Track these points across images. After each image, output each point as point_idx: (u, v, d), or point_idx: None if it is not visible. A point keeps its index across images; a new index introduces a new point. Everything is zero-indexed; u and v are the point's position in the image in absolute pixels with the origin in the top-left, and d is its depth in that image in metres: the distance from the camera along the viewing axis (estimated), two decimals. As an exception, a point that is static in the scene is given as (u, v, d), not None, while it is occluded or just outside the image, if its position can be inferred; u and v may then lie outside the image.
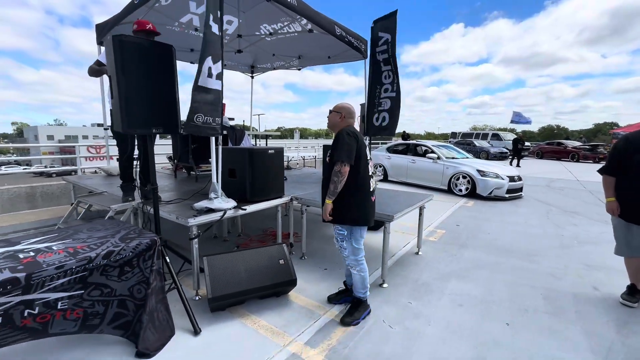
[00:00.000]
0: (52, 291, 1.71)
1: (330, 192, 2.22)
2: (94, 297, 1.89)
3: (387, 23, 4.65)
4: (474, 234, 4.72)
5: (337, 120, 2.40)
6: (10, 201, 5.01)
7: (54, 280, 1.69)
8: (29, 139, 52.86)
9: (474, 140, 21.04)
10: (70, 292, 1.78)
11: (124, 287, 1.99)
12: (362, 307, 2.50)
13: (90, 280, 1.84)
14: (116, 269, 1.93)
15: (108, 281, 1.92)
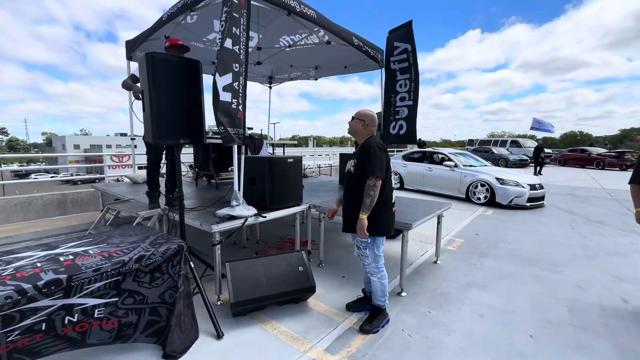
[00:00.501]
0: (89, 296, 1.81)
1: (366, 206, 2.23)
2: (128, 305, 1.97)
3: (404, 33, 4.72)
4: (494, 243, 4.63)
5: (360, 128, 2.41)
6: (44, 207, 5.31)
7: (91, 283, 1.79)
8: (57, 148, 55.63)
9: (492, 147, 20.61)
10: (106, 298, 1.88)
11: (155, 294, 2.07)
12: (382, 315, 2.52)
13: (123, 287, 1.94)
14: (147, 274, 2.02)
15: (140, 288, 2.01)
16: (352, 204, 2.37)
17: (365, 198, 2.22)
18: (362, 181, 2.27)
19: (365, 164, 2.25)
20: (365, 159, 2.26)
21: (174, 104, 2.36)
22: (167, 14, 3.95)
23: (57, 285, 1.68)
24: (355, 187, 2.34)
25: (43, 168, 31.86)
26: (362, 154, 2.30)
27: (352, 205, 2.36)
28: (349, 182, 2.45)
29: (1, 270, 1.71)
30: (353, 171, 2.36)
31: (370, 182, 2.20)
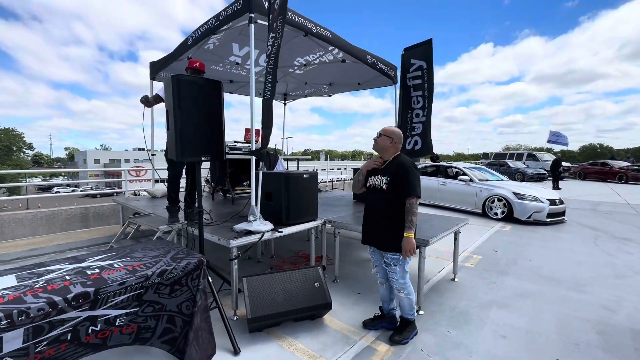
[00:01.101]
0: (113, 308, 1.88)
1: (413, 225, 2.27)
2: (147, 313, 2.04)
3: (422, 50, 4.82)
4: (514, 260, 4.50)
5: (388, 145, 2.44)
6: (68, 221, 5.50)
7: (116, 296, 1.85)
8: (79, 162, 57.86)
9: (508, 161, 20.22)
10: (128, 309, 1.95)
11: (173, 303, 2.13)
12: (411, 327, 2.56)
13: (145, 298, 2.00)
14: (167, 287, 2.08)
15: (160, 299, 2.07)
16: (386, 221, 2.39)
17: (412, 217, 2.25)
18: (396, 199, 2.32)
19: (404, 184, 2.29)
20: (404, 178, 2.29)
21: (197, 122, 2.46)
22: (192, 38, 4.15)
23: (85, 298, 1.73)
24: (388, 205, 2.37)
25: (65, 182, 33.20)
26: (399, 172, 2.32)
27: (385, 223, 2.39)
28: (378, 198, 2.43)
29: (34, 283, 1.78)
30: (386, 189, 2.36)
31: (413, 201, 2.26)
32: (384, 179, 2.38)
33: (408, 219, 2.25)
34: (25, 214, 5.11)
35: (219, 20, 3.60)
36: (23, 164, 32.41)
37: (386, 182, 2.36)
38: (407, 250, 2.27)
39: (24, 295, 1.64)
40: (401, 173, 2.31)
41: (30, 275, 1.91)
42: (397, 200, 2.32)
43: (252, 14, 3.04)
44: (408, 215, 2.25)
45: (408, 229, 2.25)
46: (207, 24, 3.80)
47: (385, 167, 2.45)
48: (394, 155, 2.45)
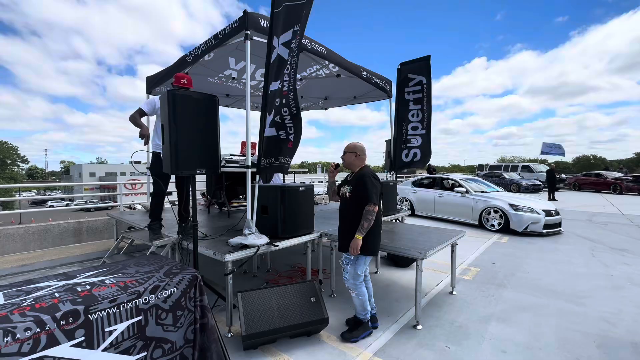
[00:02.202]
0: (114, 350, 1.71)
1: (364, 229, 2.48)
2: (158, 357, 1.86)
3: (420, 66, 4.98)
4: (512, 272, 4.47)
5: (353, 159, 2.73)
6: (60, 235, 5.41)
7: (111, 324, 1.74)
8: (74, 176, 57.42)
9: (503, 172, 20.38)
10: (134, 355, 1.76)
11: (180, 336, 2.00)
12: (363, 327, 2.71)
13: (149, 334, 1.84)
14: (169, 313, 1.97)
15: (166, 333, 1.92)
16: (349, 225, 2.60)
17: (364, 221, 2.47)
18: (357, 206, 2.55)
19: (362, 192, 2.52)
20: (362, 187, 2.54)
21: (192, 136, 2.47)
22: (192, 55, 4.20)
23: (75, 317, 1.67)
24: (350, 211, 2.62)
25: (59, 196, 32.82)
26: (358, 182, 2.59)
27: (349, 227, 2.60)
28: (343, 207, 2.73)
29: (21, 301, 1.73)
30: (348, 197, 2.65)
31: (369, 207, 2.47)
32: (348, 188, 2.67)
33: (361, 223, 2.48)
34: (16, 228, 5.02)
35: (218, 39, 3.67)
36: (17, 177, 32.10)
37: (349, 191, 2.65)
38: (352, 247, 2.50)
39: (11, 314, 1.59)
40: (361, 183, 2.56)
41: (18, 293, 1.86)
42: (358, 207, 2.54)
43: (248, 31, 3.11)
44: (362, 220, 2.48)
45: (358, 232, 2.48)
46: (207, 43, 3.87)
47: (351, 179, 2.72)
48: (360, 167, 2.71)
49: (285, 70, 3.01)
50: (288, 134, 3.14)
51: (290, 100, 3.10)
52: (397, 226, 4.22)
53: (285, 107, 3.07)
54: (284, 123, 3.08)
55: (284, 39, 2.96)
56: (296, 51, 3.04)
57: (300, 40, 3.07)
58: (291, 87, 3.09)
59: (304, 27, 3.10)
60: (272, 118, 2.98)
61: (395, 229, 4.00)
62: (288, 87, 3.07)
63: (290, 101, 3.10)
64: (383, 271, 4.44)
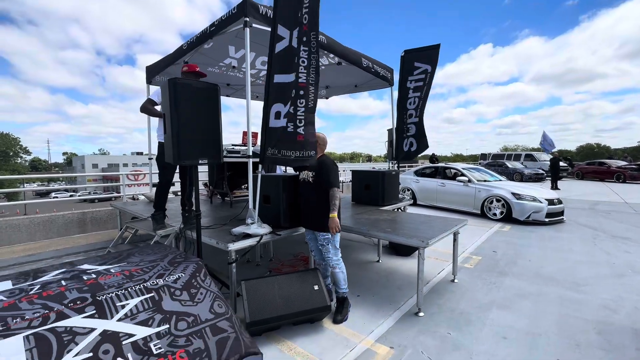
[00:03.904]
0: (130, 320, 1.65)
1: (336, 207, 2.75)
2: (183, 330, 1.76)
3: (428, 55, 4.89)
4: (513, 260, 4.49)
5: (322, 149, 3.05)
6: (65, 226, 5.47)
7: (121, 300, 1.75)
8: (77, 167, 57.67)
9: (506, 161, 20.27)
10: (153, 326, 1.70)
11: (204, 309, 1.92)
12: (347, 303, 2.93)
13: (166, 308, 1.80)
14: (182, 291, 1.95)
15: (185, 307, 1.87)
16: (315, 206, 2.86)
17: (335, 201, 2.74)
18: (320, 189, 2.82)
19: (326, 178, 2.81)
20: (325, 174, 2.82)
21: (194, 125, 2.45)
22: (188, 43, 4.16)
23: (83, 300, 1.70)
24: (316, 194, 2.86)
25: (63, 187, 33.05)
26: (321, 169, 2.86)
27: (315, 208, 2.86)
28: (308, 189, 2.95)
29: (29, 287, 1.77)
30: (312, 181, 2.89)
31: (335, 190, 2.78)
32: (311, 174, 2.90)
33: (332, 203, 2.73)
34: (22, 219, 5.07)
35: (215, 26, 3.61)
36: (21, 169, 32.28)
37: (312, 176, 2.89)
38: (333, 227, 2.72)
39: (19, 302, 1.62)
40: (324, 170, 2.83)
41: (25, 279, 1.89)
42: (322, 191, 2.80)
43: (247, 18, 3.05)
44: (332, 200, 2.74)
45: (332, 211, 2.72)
46: (204, 31, 3.81)
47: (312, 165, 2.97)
48: (319, 155, 3.00)
49: (300, 62, 2.95)
50: (297, 126, 3.06)
51: (310, 94, 3.07)
52: (399, 215, 4.22)
53: (302, 99, 3.04)
54: (296, 115, 3.03)
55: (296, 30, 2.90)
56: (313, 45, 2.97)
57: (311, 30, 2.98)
58: (312, 82, 3.07)
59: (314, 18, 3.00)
60: (288, 110, 2.94)
61: (397, 218, 4.01)
62: (308, 80, 3.04)
63: (310, 94, 3.07)
64: (385, 260, 4.47)
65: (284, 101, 2.95)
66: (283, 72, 2.90)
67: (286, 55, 2.90)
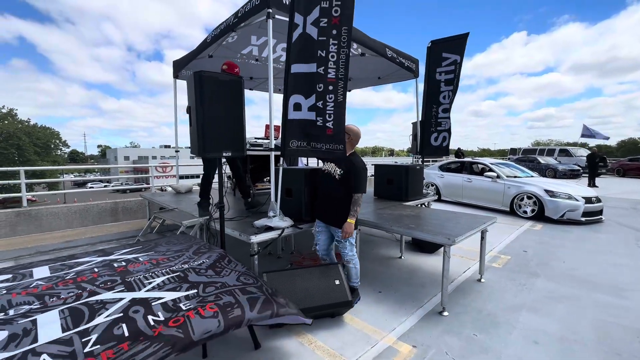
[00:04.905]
0: (159, 290, 1.70)
1: (356, 214, 2.72)
2: (212, 292, 1.76)
3: (456, 44, 4.71)
4: (546, 261, 4.25)
5: (347, 140, 2.87)
6: (99, 214, 5.77)
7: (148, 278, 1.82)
8: (110, 159, 60.87)
9: (538, 156, 19.21)
10: (181, 291, 1.70)
11: (231, 280, 1.93)
12: (355, 294, 2.93)
13: (192, 279, 1.84)
14: (208, 269, 2.02)
15: (212, 279, 1.89)
16: (334, 203, 2.81)
17: (357, 207, 2.70)
18: (345, 188, 2.74)
19: (355, 182, 2.71)
20: (354, 176, 2.72)
21: (219, 118, 2.48)
22: (211, 35, 4.20)
23: (113, 282, 1.77)
24: (338, 192, 2.78)
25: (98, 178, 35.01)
26: (351, 170, 2.74)
27: (337, 205, 2.79)
28: (330, 185, 2.85)
29: (65, 274, 1.86)
30: (338, 178, 2.79)
31: (359, 196, 2.70)
32: (338, 170, 2.79)
33: (353, 209, 2.69)
34: (60, 207, 5.40)
35: (237, 17, 3.61)
36: (60, 160, 34.51)
37: (340, 173, 2.78)
38: (346, 232, 2.72)
39: (56, 286, 1.72)
40: (354, 172, 2.73)
41: (62, 267, 2.00)
42: (347, 191, 2.74)
43: (270, 9, 3.02)
44: (354, 206, 2.69)
45: (351, 216, 2.69)
46: (227, 22, 3.83)
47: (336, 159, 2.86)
48: (350, 152, 2.88)
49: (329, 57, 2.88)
50: (326, 120, 3.01)
51: (339, 89, 2.99)
52: (423, 211, 4.10)
53: (332, 94, 2.96)
54: (325, 110, 2.98)
55: (312, 18, 2.83)
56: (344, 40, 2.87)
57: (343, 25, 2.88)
58: (341, 76, 2.95)
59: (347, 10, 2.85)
60: (313, 103, 2.90)
61: (421, 214, 3.89)
62: (337, 75, 2.94)
63: (339, 89, 2.99)
64: (407, 256, 4.37)
65: (304, 93, 2.90)
66: (301, 61, 2.83)
67: (302, 43, 2.82)
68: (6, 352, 1.19)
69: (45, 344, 1.27)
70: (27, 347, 1.23)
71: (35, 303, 1.51)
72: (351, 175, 2.74)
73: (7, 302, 1.51)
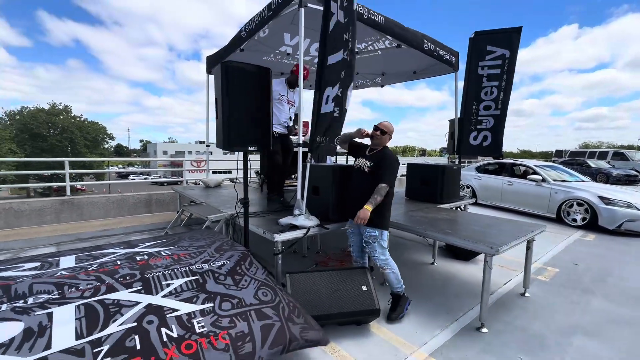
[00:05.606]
0: (175, 298, 1.67)
1: (375, 202, 2.52)
2: (227, 310, 1.73)
3: (506, 38, 4.35)
4: (602, 277, 3.77)
5: (387, 140, 2.80)
6: (134, 205, 6.01)
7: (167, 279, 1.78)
8: (150, 153, 64.67)
9: (588, 159, 17.56)
10: (197, 303, 1.69)
11: (249, 294, 1.88)
12: (402, 300, 2.72)
13: (210, 289, 1.80)
14: (226, 277, 1.95)
15: (229, 290, 1.85)
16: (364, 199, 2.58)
17: (377, 195, 2.51)
18: (375, 182, 2.58)
19: (382, 172, 2.59)
20: (384, 167, 2.61)
21: (244, 110, 2.39)
22: (246, 30, 4.15)
23: (132, 277, 1.73)
24: (368, 187, 2.61)
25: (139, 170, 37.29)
26: (380, 162, 2.64)
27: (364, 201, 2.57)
28: (361, 179, 2.73)
29: (88, 265, 1.86)
30: (368, 171, 2.67)
31: (384, 186, 2.54)
32: (369, 163, 2.68)
33: (373, 196, 2.52)
34: (99, 197, 5.68)
35: (271, 10, 3.51)
36: (107, 153, 37.11)
37: (369, 166, 2.67)
38: (360, 217, 2.50)
39: (78, 275, 1.70)
40: (382, 164, 2.62)
41: (87, 257, 2.01)
42: (376, 182, 2.58)
43: (302, -3, 2.88)
44: (374, 193, 2.52)
45: (369, 202, 2.51)
46: (260, 15, 3.75)
47: (373, 154, 2.74)
48: (383, 147, 2.78)
49: (349, 37, 2.74)
50: (342, 111, 2.91)
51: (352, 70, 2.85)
52: (459, 215, 3.79)
53: (349, 79, 2.84)
54: (342, 98, 2.85)
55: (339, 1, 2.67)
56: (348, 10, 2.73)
57: None
58: (353, 57, 2.82)
59: None
60: (336, 93, 2.76)
61: (457, 218, 3.59)
62: (349, 55, 2.80)
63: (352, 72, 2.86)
64: (441, 263, 4.08)
65: (332, 84, 2.77)
66: (334, 51, 2.69)
67: (337, 32, 2.68)
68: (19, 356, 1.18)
69: (57, 353, 1.29)
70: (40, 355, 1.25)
71: (54, 292, 1.51)
72: (380, 167, 2.62)
73: (29, 289, 1.53)
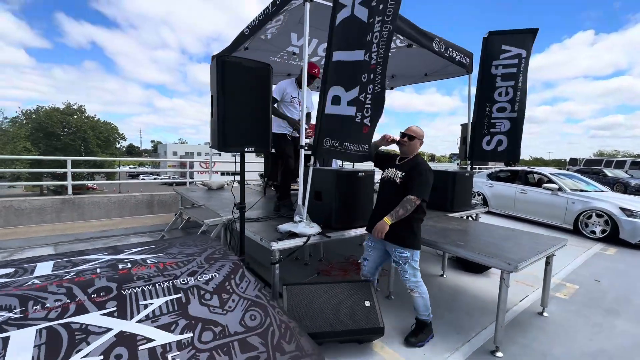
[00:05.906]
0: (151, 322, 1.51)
1: (398, 215, 2.26)
2: (208, 342, 1.53)
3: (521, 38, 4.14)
4: (626, 295, 3.48)
5: (418, 146, 2.52)
6: (136, 206, 5.92)
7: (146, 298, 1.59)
8: (161, 154, 65.49)
9: (604, 168, 16.97)
10: (175, 333, 1.51)
11: (234, 320, 1.68)
12: (427, 330, 2.48)
13: (192, 313, 1.62)
14: (213, 295, 1.76)
15: (213, 315, 1.66)
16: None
17: (401, 209, 2.25)
18: (406, 193, 2.31)
19: (414, 184, 2.31)
20: (414, 177, 2.33)
21: (242, 109, 2.23)
22: (249, 27, 4.03)
23: (108, 292, 1.57)
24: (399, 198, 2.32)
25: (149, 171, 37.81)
26: (413, 170, 2.37)
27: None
28: (391, 192, 2.44)
29: (65, 273, 1.71)
30: (399, 182, 2.40)
31: (413, 199, 2.26)
32: (399, 173, 2.42)
33: (397, 209, 2.26)
34: (101, 197, 5.61)
35: (275, 5, 3.37)
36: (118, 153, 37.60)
37: (400, 176, 2.41)
38: (377, 230, 2.30)
39: (50, 285, 1.55)
40: (416, 175, 2.34)
41: (67, 264, 1.86)
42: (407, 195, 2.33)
43: (308, -11, 2.72)
44: (399, 206, 2.27)
45: (389, 216, 2.27)
46: (265, 11, 3.62)
47: (403, 163, 2.49)
48: (415, 154, 2.51)
49: (373, 39, 2.52)
50: (364, 117, 2.65)
51: (377, 76, 2.61)
52: (472, 225, 3.55)
53: (371, 84, 2.60)
54: (365, 104, 2.62)
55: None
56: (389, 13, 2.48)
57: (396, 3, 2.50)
58: (380, 60, 2.58)
59: None
60: (355, 96, 2.55)
61: (469, 228, 3.36)
62: (377, 59, 2.57)
63: (377, 77, 2.61)
64: (450, 275, 3.83)
65: (344, 84, 2.56)
66: (345, 48, 2.51)
67: (348, 27, 2.50)
68: None
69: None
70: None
71: (17, 310, 1.35)
72: (411, 177, 2.34)
73: (-8, 304, 1.37)
